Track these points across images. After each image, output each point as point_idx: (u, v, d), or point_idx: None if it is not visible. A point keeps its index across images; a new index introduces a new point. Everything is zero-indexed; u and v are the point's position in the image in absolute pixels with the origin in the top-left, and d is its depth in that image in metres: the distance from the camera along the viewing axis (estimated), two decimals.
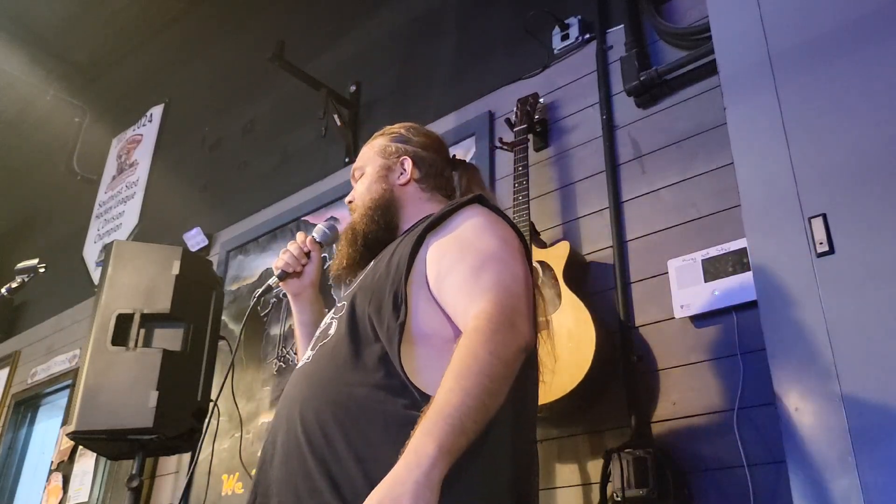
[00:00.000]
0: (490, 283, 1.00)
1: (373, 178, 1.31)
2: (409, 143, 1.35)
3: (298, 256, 1.33)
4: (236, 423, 2.63)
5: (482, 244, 1.07)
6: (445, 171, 1.35)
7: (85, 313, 3.66)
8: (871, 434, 0.99)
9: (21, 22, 4.27)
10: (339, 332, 1.09)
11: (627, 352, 1.73)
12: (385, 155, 1.33)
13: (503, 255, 1.05)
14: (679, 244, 1.77)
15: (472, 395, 0.86)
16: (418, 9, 2.94)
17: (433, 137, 1.39)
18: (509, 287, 1.00)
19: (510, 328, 0.94)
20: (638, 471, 1.53)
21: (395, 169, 1.31)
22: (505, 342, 0.92)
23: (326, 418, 0.98)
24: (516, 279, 1.02)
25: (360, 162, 1.36)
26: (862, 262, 1.07)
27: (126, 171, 4.22)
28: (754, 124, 1.26)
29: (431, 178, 1.32)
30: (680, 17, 2.03)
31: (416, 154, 1.32)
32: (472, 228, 1.10)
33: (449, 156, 1.39)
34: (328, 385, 1.02)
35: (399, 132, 1.37)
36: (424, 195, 1.30)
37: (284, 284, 1.34)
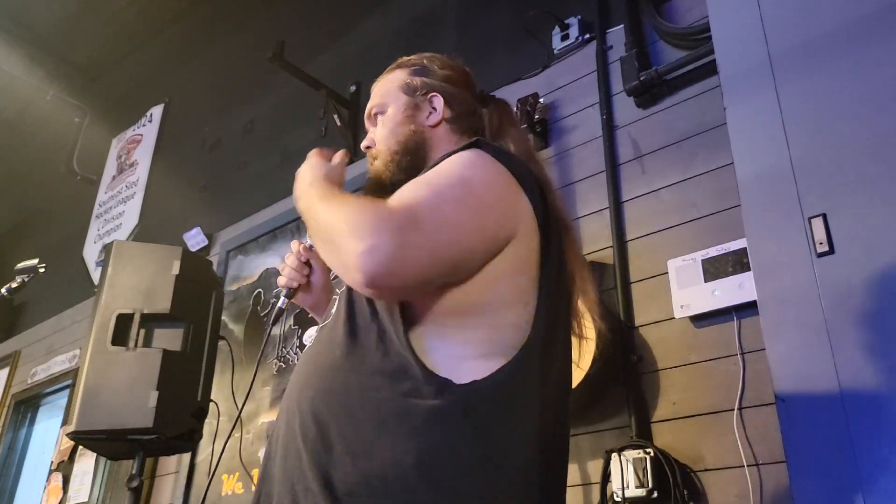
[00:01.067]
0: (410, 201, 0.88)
1: (398, 119, 1.12)
2: (435, 76, 1.15)
3: (298, 269, 1.19)
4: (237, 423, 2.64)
5: (435, 178, 0.93)
6: (477, 109, 1.17)
7: (85, 313, 3.66)
8: (871, 434, 0.99)
9: (21, 22, 4.27)
10: (337, 310, 1.00)
11: (627, 352, 1.73)
12: (410, 91, 1.14)
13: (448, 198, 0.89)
14: (679, 244, 1.77)
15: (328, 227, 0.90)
16: (418, 9, 2.94)
17: (459, 69, 1.20)
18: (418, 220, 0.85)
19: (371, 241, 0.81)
20: (638, 471, 1.53)
21: (424, 107, 1.12)
22: (362, 246, 0.82)
23: (321, 410, 0.90)
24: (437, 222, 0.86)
25: (377, 99, 1.16)
26: (862, 262, 1.07)
27: (126, 171, 4.22)
28: (754, 124, 1.26)
29: (464, 118, 1.13)
30: (680, 17, 2.03)
31: (445, 90, 1.14)
32: (442, 166, 0.96)
33: (476, 90, 1.21)
34: (324, 372, 0.94)
35: (421, 62, 1.18)
36: (454, 137, 1.11)
37: (297, 301, 1.21)
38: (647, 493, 1.52)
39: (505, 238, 0.92)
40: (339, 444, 0.86)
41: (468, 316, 0.90)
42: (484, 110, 1.18)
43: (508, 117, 1.19)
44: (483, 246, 0.90)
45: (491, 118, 1.17)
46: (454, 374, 0.86)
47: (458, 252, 0.88)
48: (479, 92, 1.21)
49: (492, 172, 0.95)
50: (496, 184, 0.94)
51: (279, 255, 2.93)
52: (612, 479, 1.58)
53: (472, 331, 0.89)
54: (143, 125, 4.29)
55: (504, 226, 0.92)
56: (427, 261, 0.85)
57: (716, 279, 1.64)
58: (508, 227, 0.92)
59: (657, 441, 1.62)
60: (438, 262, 0.86)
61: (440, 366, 0.86)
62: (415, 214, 0.86)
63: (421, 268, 0.85)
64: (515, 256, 0.92)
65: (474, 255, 0.89)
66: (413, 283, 0.86)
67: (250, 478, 2.51)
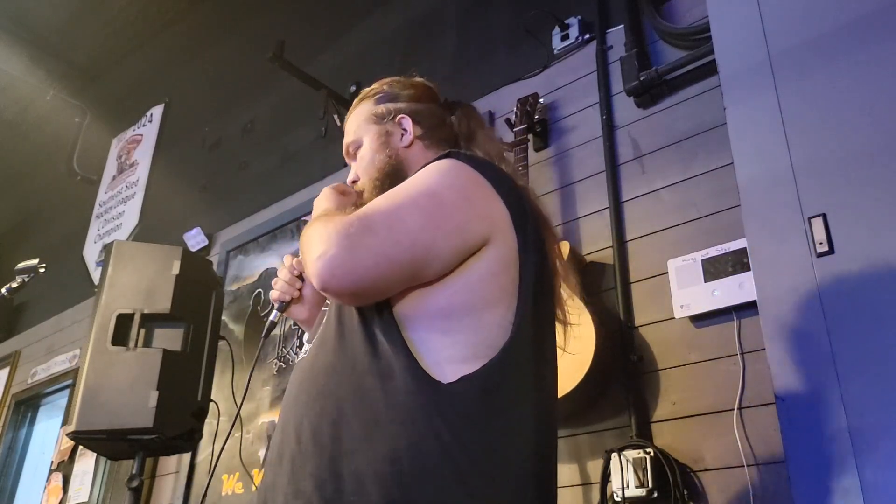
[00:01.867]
0: (368, 209, 0.94)
1: (374, 149, 1.16)
2: (399, 98, 1.21)
3: (291, 282, 1.20)
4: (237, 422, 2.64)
5: (400, 188, 0.98)
6: (445, 118, 1.21)
7: (85, 313, 3.66)
8: (871, 434, 0.99)
9: (21, 22, 4.27)
10: (328, 318, 1.02)
11: (627, 352, 1.73)
12: (378, 119, 1.18)
13: (404, 203, 0.94)
14: (679, 244, 1.77)
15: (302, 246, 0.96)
16: (418, 9, 2.94)
17: (420, 86, 1.25)
18: (371, 225, 0.90)
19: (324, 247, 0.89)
20: (638, 471, 1.53)
21: (395, 131, 1.17)
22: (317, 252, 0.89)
23: (316, 413, 0.92)
24: (389, 226, 0.91)
25: (350, 136, 1.21)
26: (862, 262, 1.07)
27: (126, 171, 4.22)
28: (754, 124, 1.26)
29: (434, 130, 1.18)
30: (680, 17, 2.03)
31: (411, 109, 1.19)
32: (412, 177, 1.00)
33: (440, 99, 1.26)
34: (317, 376, 0.96)
35: (382, 90, 1.22)
36: (430, 152, 1.15)
37: (289, 314, 1.22)
38: (647, 493, 1.52)
39: (478, 238, 0.94)
40: (331, 444, 0.88)
41: (455, 317, 0.92)
42: (452, 118, 1.22)
43: (476, 121, 1.23)
44: (446, 246, 0.92)
45: (460, 124, 1.21)
46: (442, 373, 0.88)
47: (416, 253, 0.91)
48: (444, 100, 1.25)
49: (460, 177, 0.98)
50: (466, 188, 0.97)
51: (279, 256, 2.93)
52: (612, 478, 1.58)
53: (459, 332, 0.91)
54: (143, 125, 4.30)
55: (474, 227, 0.94)
56: (381, 261, 0.89)
57: (716, 279, 1.64)
58: (479, 228, 0.95)
59: (657, 441, 1.62)
60: (394, 263, 0.90)
61: (429, 366, 0.88)
62: (368, 220, 0.91)
63: (375, 268, 0.89)
64: (496, 258, 0.95)
65: (438, 255, 0.92)
66: (368, 284, 0.89)
67: (250, 478, 2.52)
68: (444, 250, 0.92)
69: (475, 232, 0.94)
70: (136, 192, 4.01)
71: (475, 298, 0.92)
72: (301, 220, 2.91)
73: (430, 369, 0.88)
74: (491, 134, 1.24)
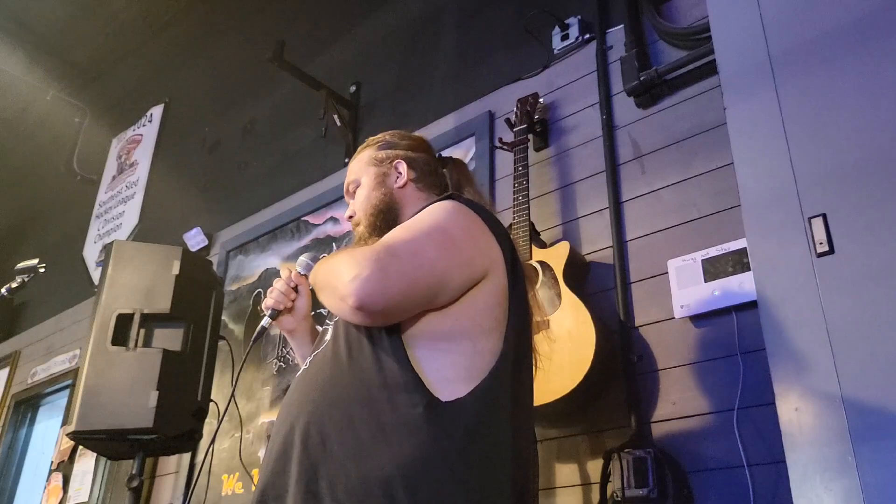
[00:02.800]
0: (390, 239, 1.06)
1: (371, 187, 1.32)
2: (398, 147, 1.36)
3: (286, 293, 1.30)
4: (236, 422, 2.64)
5: (413, 222, 1.11)
6: (437, 168, 1.37)
7: (85, 313, 3.66)
8: (871, 434, 0.99)
9: (21, 22, 4.27)
10: (334, 335, 1.11)
11: (627, 352, 1.73)
12: (377, 163, 1.34)
13: (421, 234, 1.07)
14: (679, 244, 1.77)
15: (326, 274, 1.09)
16: (418, 9, 2.94)
17: (418, 139, 1.41)
18: (396, 251, 1.02)
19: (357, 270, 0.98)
20: (638, 471, 1.53)
21: (391, 174, 1.32)
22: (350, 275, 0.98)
23: (323, 421, 0.99)
24: (412, 253, 1.03)
25: (352, 176, 1.37)
26: (862, 262, 1.07)
27: (126, 171, 4.22)
28: (754, 124, 1.26)
29: (426, 176, 1.34)
30: (680, 17, 2.03)
31: (407, 156, 1.34)
32: (421, 213, 1.14)
33: (435, 154, 1.42)
34: (324, 388, 1.04)
35: (384, 139, 1.39)
36: (422, 195, 1.31)
37: (278, 322, 1.31)
38: (647, 493, 1.52)
39: (480, 272, 1.07)
40: (339, 449, 0.95)
41: (456, 341, 1.03)
42: (444, 170, 1.38)
43: (465, 174, 1.39)
44: (457, 276, 1.04)
45: (451, 176, 1.37)
46: (442, 391, 0.98)
47: (433, 279, 1.02)
48: (438, 155, 1.42)
49: (465, 217, 1.12)
50: (469, 226, 1.11)
51: (279, 256, 2.93)
52: (613, 478, 1.58)
53: (457, 354, 1.02)
54: (143, 125, 4.30)
55: (478, 261, 1.07)
56: (406, 285, 1.00)
57: (716, 279, 1.64)
58: (482, 263, 1.08)
59: (657, 441, 1.62)
60: (416, 287, 1.01)
61: (431, 382, 0.98)
62: (393, 248, 1.03)
63: (400, 291, 1.00)
64: (491, 290, 1.07)
65: (450, 283, 1.03)
66: (395, 305, 1.00)
67: (250, 478, 2.52)
68: (456, 279, 1.04)
69: (479, 265, 1.07)
70: (136, 192, 4.01)
71: (474, 326, 1.04)
72: (301, 221, 2.91)
73: (431, 385, 0.98)
74: (477, 186, 1.40)
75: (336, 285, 1.02)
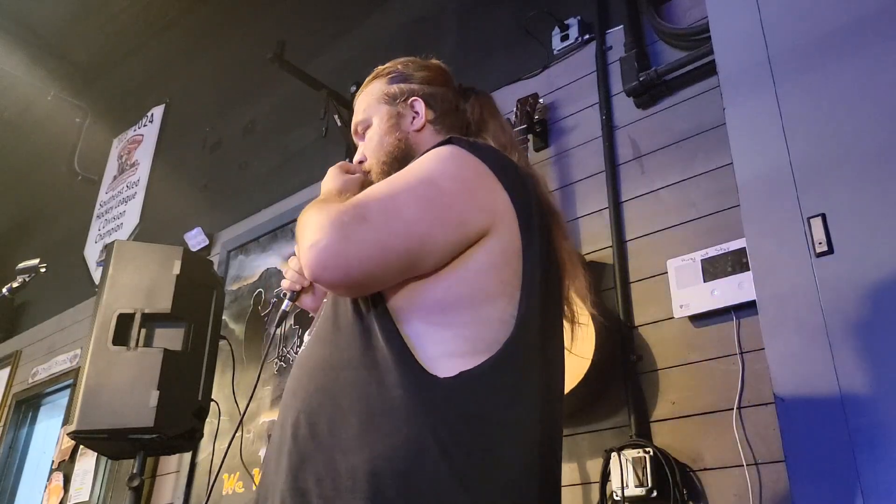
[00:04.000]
0: (363, 197, 0.92)
1: (383, 130, 1.13)
2: (412, 79, 1.17)
3: (301, 272, 1.18)
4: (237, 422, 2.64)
5: (398, 176, 0.96)
6: (459, 104, 1.17)
7: (86, 313, 3.66)
8: (871, 434, 0.99)
9: (22, 22, 4.27)
10: (325, 311, 1.00)
11: (627, 351, 1.73)
12: (390, 100, 1.15)
13: (401, 190, 0.91)
14: (678, 244, 1.77)
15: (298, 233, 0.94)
16: (418, 9, 2.95)
17: (436, 68, 1.21)
18: (365, 214, 0.88)
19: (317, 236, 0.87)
20: (637, 470, 1.53)
21: (406, 113, 1.13)
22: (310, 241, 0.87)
23: (313, 409, 0.90)
24: (385, 215, 0.89)
25: (360, 115, 1.18)
26: (861, 262, 1.07)
27: (127, 172, 4.22)
28: (753, 124, 1.27)
29: (446, 116, 1.14)
30: (679, 17, 2.04)
31: (424, 92, 1.15)
32: (411, 164, 0.98)
33: (455, 83, 1.22)
34: (313, 372, 0.94)
35: (396, 69, 1.19)
36: (440, 137, 1.10)
37: (300, 303, 1.20)
38: (646, 493, 1.52)
39: (477, 230, 0.91)
40: (328, 441, 0.86)
41: (453, 311, 0.89)
42: (466, 105, 1.18)
43: (490, 109, 1.19)
44: (443, 237, 0.89)
45: (472, 111, 1.17)
46: (440, 369, 0.85)
47: (412, 243, 0.88)
48: (459, 85, 1.22)
49: (462, 166, 0.95)
50: (466, 176, 0.94)
51: (280, 255, 2.93)
52: (612, 478, 1.58)
53: (457, 326, 0.88)
54: (143, 125, 4.30)
55: (475, 218, 0.91)
56: (375, 252, 0.87)
57: (715, 279, 1.65)
58: (480, 219, 0.91)
59: (656, 440, 1.62)
60: (389, 253, 0.87)
61: (426, 361, 0.86)
62: (363, 208, 0.89)
63: (368, 259, 0.86)
64: (497, 249, 0.91)
65: (434, 246, 0.89)
66: (361, 274, 0.87)
67: (251, 477, 2.52)
68: (441, 242, 0.89)
69: (474, 223, 0.91)
70: (137, 192, 4.02)
71: (473, 291, 0.89)
72: None
73: (426, 364, 0.85)
74: (504, 123, 1.19)
75: (300, 250, 0.91)
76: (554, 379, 0.97)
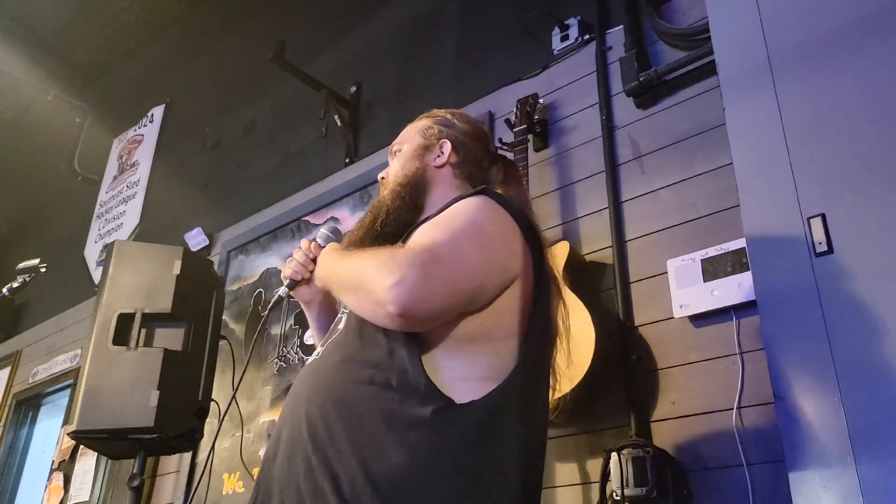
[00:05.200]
0: (429, 241, 0.99)
1: (409, 156, 1.27)
2: (453, 127, 1.31)
3: (305, 263, 1.28)
4: (237, 422, 2.64)
5: (449, 221, 1.05)
6: (484, 161, 1.31)
7: (86, 313, 3.66)
8: (871, 434, 0.99)
9: (22, 22, 4.27)
10: (347, 326, 1.08)
11: (627, 352, 1.73)
12: (426, 135, 1.30)
13: (460, 236, 1.01)
14: (678, 244, 1.77)
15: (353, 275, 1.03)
16: (418, 8, 2.95)
17: (477, 127, 1.36)
18: (439, 256, 0.96)
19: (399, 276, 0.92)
20: (637, 470, 1.53)
21: (434, 150, 1.27)
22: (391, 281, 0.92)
23: (331, 416, 0.96)
24: (455, 258, 0.97)
25: (400, 139, 1.32)
26: (861, 262, 1.08)
27: (127, 172, 4.23)
28: (753, 124, 1.27)
29: (467, 165, 1.28)
30: (679, 17, 2.04)
31: (456, 139, 1.29)
32: (454, 210, 1.08)
33: (490, 147, 1.36)
34: (334, 381, 1.01)
35: (445, 116, 1.34)
36: (456, 181, 1.25)
37: (295, 293, 1.30)
38: (646, 493, 1.52)
39: (512, 275, 1.03)
40: (348, 447, 0.93)
41: (476, 343, 1.00)
42: (494, 167, 1.32)
43: (514, 176, 1.33)
44: (494, 279, 1.01)
45: (497, 174, 1.32)
46: (456, 393, 0.95)
47: (473, 284, 0.98)
48: (494, 150, 1.37)
49: (498, 217, 1.07)
50: (502, 227, 1.06)
51: (280, 256, 2.93)
52: (612, 478, 1.58)
53: (477, 356, 0.99)
54: (144, 125, 4.30)
55: (511, 263, 1.04)
56: (448, 291, 0.96)
57: (715, 279, 1.65)
58: (514, 265, 1.04)
59: (656, 440, 1.62)
60: (457, 293, 0.97)
61: (445, 384, 0.95)
62: (435, 251, 0.97)
63: (443, 297, 0.95)
64: (519, 294, 1.04)
65: (487, 287, 1.00)
66: (438, 311, 0.96)
67: (251, 477, 2.52)
68: (493, 284, 1.01)
69: (512, 268, 1.04)
70: (137, 192, 4.02)
71: (497, 328, 1.01)
72: (301, 221, 2.91)
73: (445, 386, 0.95)
74: (523, 191, 1.33)
75: (371, 289, 0.96)
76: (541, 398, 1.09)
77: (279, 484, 0.97)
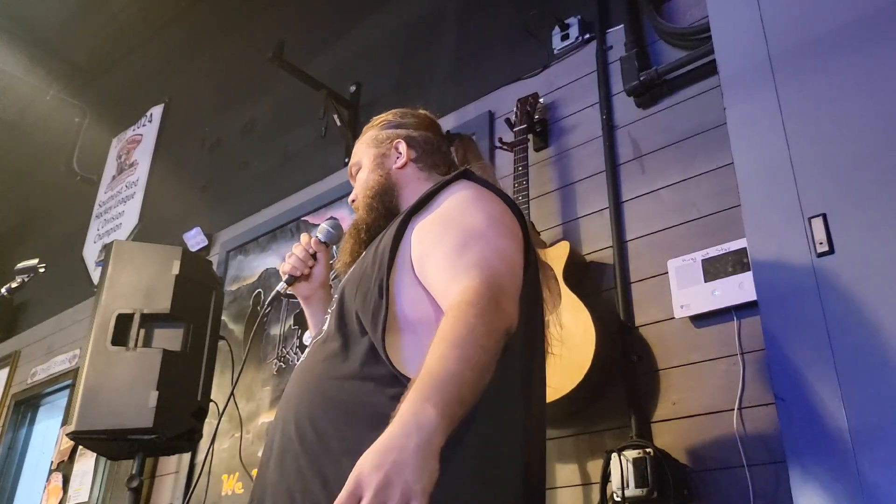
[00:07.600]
0: (473, 260, 0.95)
1: (369, 169, 1.28)
2: (401, 126, 1.32)
3: (305, 259, 1.29)
4: (236, 423, 2.64)
5: (465, 220, 1.03)
6: (441, 146, 1.32)
7: (85, 313, 3.66)
8: (871, 434, 0.99)
9: (21, 22, 4.27)
10: (329, 327, 1.08)
11: (627, 352, 1.73)
12: (377, 144, 1.30)
13: (487, 232, 1.01)
14: (679, 244, 1.77)
15: (471, 364, 0.80)
16: (418, 9, 2.94)
17: (423, 116, 1.36)
18: (493, 265, 0.95)
19: (496, 307, 0.88)
20: (637, 471, 1.53)
21: (391, 155, 1.28)
22: (493, 320, 0.87)
23: (318, 415, 0.96)
24: (502, 257, 0.98)
25: (354, 158, 1.33)
26: (862, 262, 1.07)
27: (126, 171, 4.22)
28: (754, 124, 1.26)
29: (428, 155, 1.28)
30: (680, 17, 2.03)
31: (408, 136, 1.29)
32: (456, 204, 1.07)
33: (442, 132, 1.36)
34: (319, 381, 1.00)
35: (387, 119, 1.35)
36: (423, 174, 1.26)
37: (294, 288, 1.30)
38: (646, 493, 1.52)
39: None
40: (336, 444, 0.91)
41: None
42: (451, 147, 1.33)
43: (472, 151, 1.34)
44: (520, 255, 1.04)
45: (457, 153, 1.32)
46: None
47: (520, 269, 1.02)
48: (446, 132, 1.37)
49: (494, 198, 1.09)
50: (500, 206, 1.08)
51: (279, 256, 2.93)
52: (612, 478, 1.58)
53: None
54: (143, 125, 4.30)
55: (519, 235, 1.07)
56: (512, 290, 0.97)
57: (716, 279, 1.64)
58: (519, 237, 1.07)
59: (657, 441, 1.62)
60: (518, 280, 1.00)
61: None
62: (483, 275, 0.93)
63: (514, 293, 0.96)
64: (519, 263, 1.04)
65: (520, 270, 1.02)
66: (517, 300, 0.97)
67: (250, 477, 2.51)
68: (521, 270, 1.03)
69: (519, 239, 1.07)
70: (136, 192, 4.01)
71: None
72: (301, 221, 2.91)
73: None
74: (486, 165, 1.31)
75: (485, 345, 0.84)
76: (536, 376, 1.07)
77: (272, 488, 0.97)
